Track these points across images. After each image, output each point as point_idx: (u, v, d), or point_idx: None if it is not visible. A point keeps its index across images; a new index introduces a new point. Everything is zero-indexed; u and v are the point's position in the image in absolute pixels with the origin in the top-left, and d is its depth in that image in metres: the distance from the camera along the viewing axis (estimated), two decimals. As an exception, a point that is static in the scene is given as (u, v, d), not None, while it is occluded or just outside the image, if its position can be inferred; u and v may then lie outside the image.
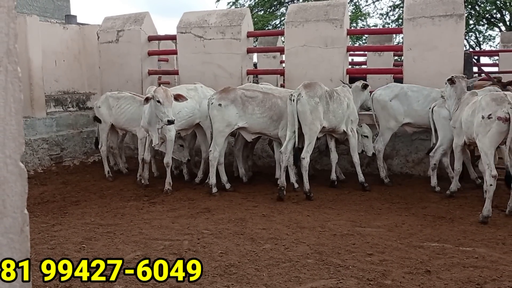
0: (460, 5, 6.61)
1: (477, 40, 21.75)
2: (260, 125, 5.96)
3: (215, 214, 5.14)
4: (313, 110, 5.60)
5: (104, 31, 8.48)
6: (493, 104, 4.71)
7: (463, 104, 5.36)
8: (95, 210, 5.39)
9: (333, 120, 5.86)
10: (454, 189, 5.62)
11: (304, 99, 5.59)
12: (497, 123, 4.65)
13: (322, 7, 7.35)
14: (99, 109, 6.91)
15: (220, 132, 5.88)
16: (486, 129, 4.73)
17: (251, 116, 5.90)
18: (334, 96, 5.88)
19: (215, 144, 5.91)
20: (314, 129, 5.64)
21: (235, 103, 5.85)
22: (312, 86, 5.71)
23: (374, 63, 11.57)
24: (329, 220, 4.88)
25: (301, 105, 5.60)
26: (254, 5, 21.60)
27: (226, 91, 5.95)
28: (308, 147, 5.66)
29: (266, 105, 5.93)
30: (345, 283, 3.40)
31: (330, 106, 5.78)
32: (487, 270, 3.60)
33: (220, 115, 5.83)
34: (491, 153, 4.78)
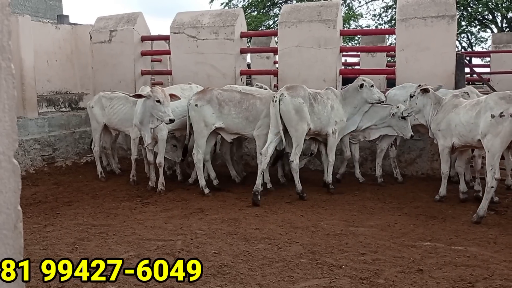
0: (452, 6, 6.66)
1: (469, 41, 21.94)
2: (236, 125, 5.90)
3: (209, 214, 5.14)
4: (297, 110, 5.50)
5: (97, 31, 8.45)
6: (503, 103, 4.64)
7: (448, 107, 5.33)
8: (87, 210, 5.36)
9: (318, 122, 5.77)
10: (443, 193, 5.53)
11: (287, 98, 5.51)
12: (510, 120, 4.56)
13: (315, 8, 7.37)
14: (92, 109, 6.89)
15: (200, 133, 5.88)
16: (498, 128, 4.62)
17: (227, 117, 5.86)
18: (318, 98, 5.79)
19: (197, 146, 5.92)
20: (300, 130, 5.54)
21: (211, 103, 5.83)
22: (294, 88, 5.65)
23: (367, 64, 11.63)
24: (322, 220, 4.90)
25: (284, 105, 5.51)
26: (248, 6, 21.64)
27: (204, 91, 5.98)
28: (296, 149, 5.57)
29: (243, 106, 5.88)
30: (338, 283, 3.41)
31: (315, 108, 5.69)
32: (478, 268, 3.63)
33: (198, 116, 5.83)
34: (499, 155, 4.70)
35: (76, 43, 8.77)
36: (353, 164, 6.68)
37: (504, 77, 10.07)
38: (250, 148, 7.51)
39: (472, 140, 5.04)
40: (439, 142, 5.43)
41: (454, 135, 5.22)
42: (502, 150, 4.71)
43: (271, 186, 6.15)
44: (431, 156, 6.75)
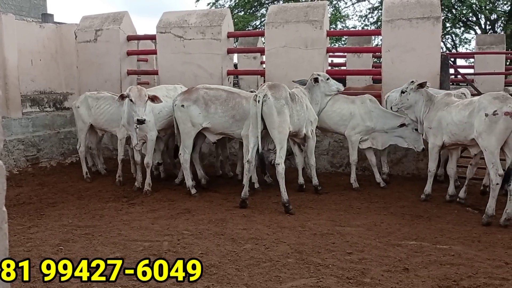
0: (437, 8, 6.73)
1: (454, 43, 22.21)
2: (222, 124, 5.82)
3: (195, 214, 5.12)
4: (280, 112, 5.26)
5: (82, 30, 8.36)
6: (497, 102, 4.72)
7: (440, 105, 5.39)
8: (72, 211, 5.30)
9: (297, 123, 5.59)
10: (429, 191, 5.56)
11: (270, 100, 5.24)
12: (504, 118, 4.63)
13: (302, 8, 7.40)
14: (78, 109, 6.82)
15: (187, 133, 5.83)
16: (492, 126, 4.69)
17: (213, 116, 5.79)
18: (296, 98, 5.62)
19: (183, 146, 5.87)
20: (283, 132, 5.31)
21: (197, 103, 5.78)
22: (277, 88, 5.41)
23: (353, 65, 11.70)
24: (309, 220, 4.91)
25: (267, 107, 5.24)
26: (234, 6, 21.61)
27: (189, 91, 5.91)
28: (280, 152, 5.27)
29: (229, 105, 5.82)
30: (325, 282, 3.43)
31: (293, 109, 5.51)
32: (463, 267, 3.68)
33: (184, 116, 5.78)
34: (497, 152, 4.75)
35: (61, 42, 8.67)
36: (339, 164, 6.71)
37: (488, 78, 10.21)
38: (237, 148, 7.50)
39: (465, 138, 5.09)
40: (430, 140, 5.45)
41: (445, 133, 5.26)
42: (499, 148, 4.75)
43: (258, 186, 6.15)
44: (416, 156, 6.81)
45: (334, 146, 7.20)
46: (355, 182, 6.23)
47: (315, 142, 5.96)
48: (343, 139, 7.06)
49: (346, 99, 6.35)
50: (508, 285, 3.36)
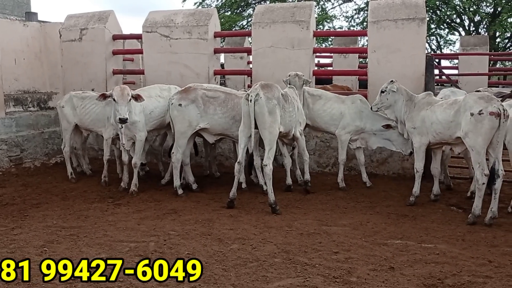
0: (422, 9, 6.80)
1: (438, 44, 22.46)
2: (221, 125, 5.79)
3: (182, 215, 5.09)
4: (271, 112, 5.20)
5: (67, 29, 8.27)
6: (482, 102, 4.76)
7: (422, 104, 5.43)
8: (57, 212, 5.24)
9: (289, 124, 5.55)
10: (418, 193, 5.51)
11: (262, 100, 5.18)
12: (489, 118, 4.67)
13: (289, 9, 7.41)
14: (63, 109, 6.73)
15: (182, 133, 5.78)
16: (478, 126, 4.72)
17: (212, 117, 5.76)
18: (288, 98, 5.59)
19: (177, 145, 5.83)
20: (274, 133, 5.24)
21: (196, 103, 5.74)
22: (269, 87, 5.35)
23: (339, 65, 11.77)
24: (296, 220, 4.92)
25: (259, 107, 5.18)
26: (221, 6, 21.57)
27: (187, 91, 5.85)
28: (269, 153, 5.20)
29: (228, 105, 5.79)
30: (312, 281, 3.44)
31: (285, 109, 5.47)
32: (447, 265, 3.72)
33: (181, 116, 5.73)
34: (483, 152, 4.78)
35: (45, 41, 8.55)
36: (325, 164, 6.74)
37: (472, 78, 10.35)
38: (224, 148, 7.49)
39: (450, 137, 5.14)
40: (415, 140, 5.45)
41: (429, 132, 5.29)
42: (486, 147, 4.78)
43: (246, 187, 6.14)
44: (402, 156, 6.86)
45: (321, 146, 7.23)
46: (342, 181, 6.26)
47: (304, 140, 5.95)
48: (329, 139, 7.09)
49: (337, 99, 6.38)
50: (491, 283, 3.41)
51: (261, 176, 5.92)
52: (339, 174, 6.30)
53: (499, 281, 3.44)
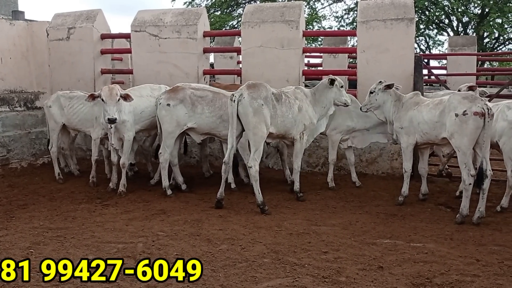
0: (411, 10, 6.84)
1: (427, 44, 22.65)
2: (209, 125, 5.76)
3: (171, 215, 5.06)
4: (256, 113, 5.10)
5: (54, 28, 8.18)
6: (466, 102, 4.77)
7: (409, 104, 5.44)
8: (44, 213, 5.17)
9: (281, 125, 5.40)
10: (407, 193, 5.52)
11: (245, 100, 5.11)
12: (474, 118, 4.68)
13: (278, 8, 7.40)
14: (50, 109, 6.66)
15: (170, 133, 5.75)
16: (463, 126, 4.74)
17: (200, 116, 5.73)
18: (282, 98, 5.42)
19: (164, 145, 5.78)
20: (259, 133, 5.14)
21: (184, 102, 5.70)
22: (256, 87, 5.25)
23: (329, 65, 11.77)
24: (285, 220, 4.91)
25: (242, 107, 5.11)
26: (211, 6, 21.52)
27: (175, 90, 5.82)
28: (255, 154, 5.14)
29: (216, 105, 5.76)
30: (301, 281, 3.43)
31: (278, 110, 5.32)
32: (436, 264, 3.73)
33: (169, 116, 5.69)
34: (469, 152, 4.80)
35: (32, 40, 8.44)
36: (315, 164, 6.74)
37: (460, 78, 10.39)
38: (214, 148, 7.46)
39: (436, 137, 5.16)
40: (402, 140, 5.46)
41: (417, 132, 5.31)
42: (471, 148, 4.80)
43: (235, 187, 6.12)
44: (391, 155, 6.90)
45: (311, 146, 7.20)
46: (331, 181, 6.27)
47: (303, 145, 5.70)
48: (319, 139, 7.09)
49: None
50: (479, 282, 3.43)
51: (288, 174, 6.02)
52: (329, 174, 6.30)
53: (486, 280, 3.46)
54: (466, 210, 4.83)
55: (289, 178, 6.36)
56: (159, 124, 5.84)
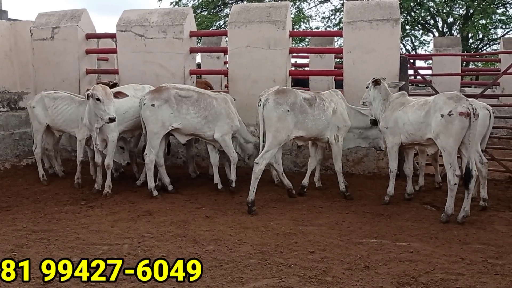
0: (396, 10, 6.88)
1: (413, 45, 22.85)
2: (194, 125, 5.76)
3: (157, 216, 5.02)
4: (279, 118, 5.22)
5: (38, 27, 8.07)
6: (451, 102, 4.79)
7: (395, 105, 5.47)
8: (27, 215, 5.10)
9: (313, 128, 5.49)
10: (392, 192, 5.53)
11: (270, 105, 5.23)
12: (459, 118, 4.70)
13: (265, 9, 7.40)
14: (34, 109, 6.56)
15: (155, 134, 5.70)
16: (448, 127, 4.75)
17: (185, 117, 5.72)
18: (316, 102, 5.51)
19: (150, 146, 5.74)
20: (278, 138, 5.26)
21: (169, 102, 5.67)
22: (284, 93, 5.35)
23: (316, 65, 11.82)
24: (272, 220, 4.91)
25: (266, 111, 5.25)
26: (198, 6, 21.45)
27: (159, 90, 5.78)
28: (265, 154, 5.25)
29: (201, 105, 5.77)
30: (287, 282, 3.43)
31: (309, 114, 5.43)
32: (421, 263, 3.76)
33: (154, 116, 5.64)
34: (455, 153, 4.82)
35: (15, 39, 8.31)
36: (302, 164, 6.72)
37: (445, 79, 10.53)
38: (200, 149, 7.43)
39: (421, 138, 5.18)
40: (388, 140, 5.49)
41: (402, 133, 5.34)
42: (457, 148, 4.83)
43: (222, 187, 6.09)
44: (377, 155, 6.94)
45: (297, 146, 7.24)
46: (318, 181, 6.28)
47: (340, 147, 5.74)
48: (306, 139, 7.10)
49: None
50: (463, 280, 3.46)
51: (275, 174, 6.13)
52: (316, 174, 6.31)
53: (471, 278, 3.49)
54: (451, 209, 4.87)
55: (276, 179, 6.37)
56: (144, 125, 5.79)
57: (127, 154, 6.44)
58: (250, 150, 6.32)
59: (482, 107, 5.33)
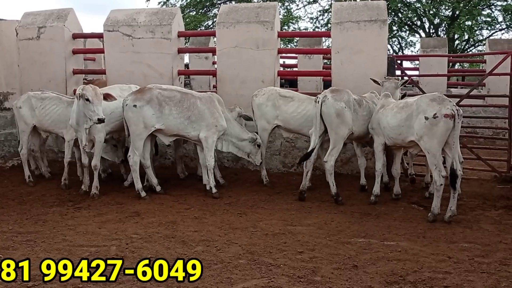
0: (384, 11, 6.93)
1: (400, 45, 23.03)
2: (177, 126, 5.73)
3: (145, 217, 4.99)
4: (339, 114, 5.41)
5: (24, 27, 7.97)
6: (435, 104, 4.82)
7: (378, 106, 5.54)
8: (13, 217, 5.03)
9: (362, 128, 5.68)
10: (377, 192, 5.57)
11: (329, 101, 5.43)
12: (444, 120, 4.74)
13: (253, 9, 7.40)
14: (20, 110, 6.47)
15: (138, 135, 5.66)
16: (433, 130, 4.78)
17: (167, 117, 5.68)
18: (363, 104, 5.70)
19: (133, 148, 5.69)
20: (340, 133, 5.45)
21: (151, 103, 5.63)
22: (339, 91, 5.56)
23: (304, 66, 11.85)
24: (261, 220, 4.91)
25: (326, 107, 5.43)
26: (186, 6, 21.37)
27: (142, 91, 5.74)
28: (332, 151, 5.48)
29: (184, 106, 5.74)
30: (276, 282, 3.43)
31: (359, 114, 5.60)
32: (409, 262, 3.79)
33: (136, 117, 5.60)
34: (439, 154, 4.87)
35: (0, 39, 8.21)
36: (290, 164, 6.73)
37: (432, 79, 10.63)
38: (189, 149, 7.40)
39: (403, 141, 5.22)
40: (375, 140, 5.56)
41: (384, 135, 5.39)
42: (441, 149, 4.87)
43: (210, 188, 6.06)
44: (365, 155, 6.96)
45: (286, 146, 7.25)
46: (308, 181, 6.28)
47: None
48: (295, 140, 7.12)
49: (310, 101, 6.38)
50: (450, 278, 3.50)
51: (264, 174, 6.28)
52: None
53: (457, 276, 3.53)
54: (437, 209, 4.91)
55: (265, 179, 6.37)
56: (126, 126, 5.75)
57: (121, 152, 6.39)
58: (248, 147, 6.19)
59: None
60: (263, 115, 6.37)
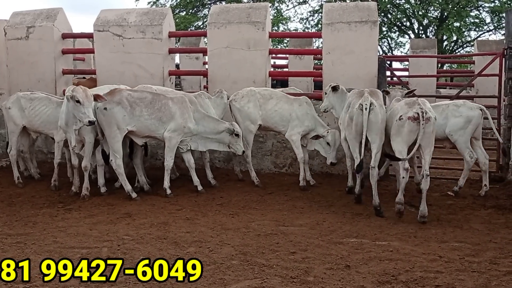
0: (374, 12, 6.97)
1: (389, 46, 23.17)
2: (148, 127, 5.71)
3: (137, 219, 4.96)
4: (383, 120, 5.33)
5: (12, 27, 7.89)
6: (406, 107, 5.06)
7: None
8: (2, 219, 4.97)
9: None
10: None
11: (377, 108, 5.26)
12: (408, 122, 4.97)
13: (244, 10, 7.40)
14: (9, 111, 6.40)
15: (113, 137, 5.60)
16: (399, 130, 5.04)
17: (138, 119, 5.65)
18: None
19: (113, 151, 5.63)
20: (383, 138, 5.35)
21: (122, 105, 5.59)
22: (377, 95, 5.47)
23: (295, 66, 11.88)
24: (253, 221, 4.91)
25: (374, 115, 5.22)
26: (176, 6, 21.30)
27: (111, 93, 5.69)
28: (376, 157, 5.33)
29: (155, 107, 5.72)
30: (269, 282, 3.43)
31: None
32: (401, 262, 3.81)
33: (108, 120, 5.55)
34: (404, 150, 5.05)
35: (-12, 39, 8.12)
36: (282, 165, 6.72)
37: (421, 80, 10.71)
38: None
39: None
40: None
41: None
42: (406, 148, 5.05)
43: (202, 189, 6.05)
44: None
45: (277, 146, 7.26)
46: (303, 181, 6.29)
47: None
48: (286, 140, 7.12)
49: (287, 100, 6.45)
50: (442, 278, 3.53)
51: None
52: (301, 173, 6.32)
53: (449, 276, 3.56)
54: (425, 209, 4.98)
55: (255, 180, 6.37)
56: (100, 130, 5.68)
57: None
58: (226, 138, 6.05)
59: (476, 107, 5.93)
60: (247, 117, 6.36)
